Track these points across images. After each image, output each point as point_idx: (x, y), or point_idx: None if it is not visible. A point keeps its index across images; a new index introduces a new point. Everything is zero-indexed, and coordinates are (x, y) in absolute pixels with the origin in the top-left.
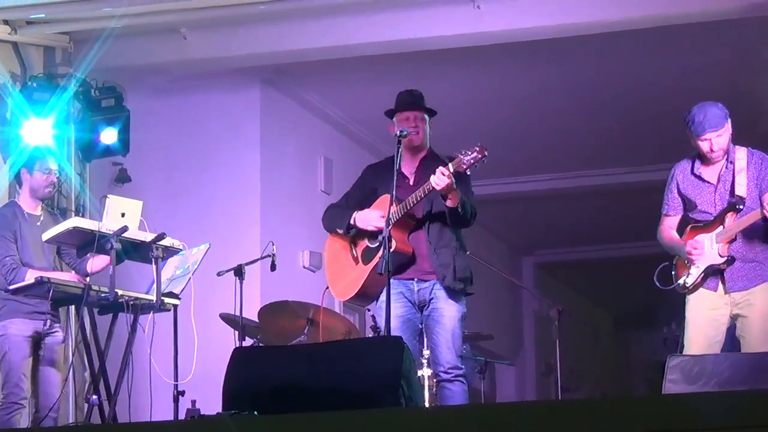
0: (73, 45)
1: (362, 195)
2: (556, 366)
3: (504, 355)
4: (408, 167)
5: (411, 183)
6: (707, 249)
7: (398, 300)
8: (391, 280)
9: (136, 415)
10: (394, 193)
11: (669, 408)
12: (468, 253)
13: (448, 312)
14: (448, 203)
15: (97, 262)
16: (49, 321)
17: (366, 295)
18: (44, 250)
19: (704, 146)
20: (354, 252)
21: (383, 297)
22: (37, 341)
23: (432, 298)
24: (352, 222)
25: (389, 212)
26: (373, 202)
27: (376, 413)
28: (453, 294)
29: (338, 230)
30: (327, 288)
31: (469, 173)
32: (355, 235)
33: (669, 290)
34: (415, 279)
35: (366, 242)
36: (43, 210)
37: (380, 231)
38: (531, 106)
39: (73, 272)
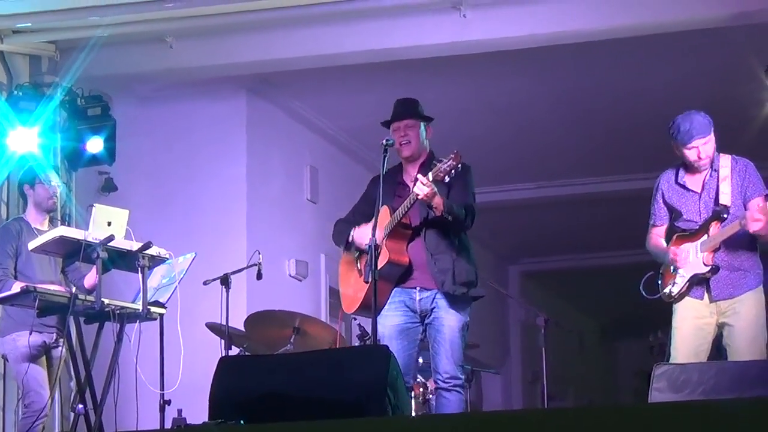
0: (59, 54)
1: (367, 207)
2: (542, 374)
3: (490, 364)
4: (409, 175)
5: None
6: (692, 258)
7: (398, 309)
8: (394, 289)
9: (122, 425)
10: (379, 201)
11: (655, 416)
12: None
13: (448, 322)
14: (435, 211)
15: (91, 277)
16: (55, 334)
17: (370, 307)
18: (51, 265)
19: (691, 155)
20: (359, 265)
21: (387, 308)
22: (45, 352)
23: (434, 308)
24: (350, 239)
25: (375, 220)
26: None
27: (362, 422)
28: (454, 301)
29: (341, 247)
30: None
31: (447, 180)
32: (359, 249)
33: (655, 299)
34: (418, 288)
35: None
36: (50, 225)
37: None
38: (517, 115)
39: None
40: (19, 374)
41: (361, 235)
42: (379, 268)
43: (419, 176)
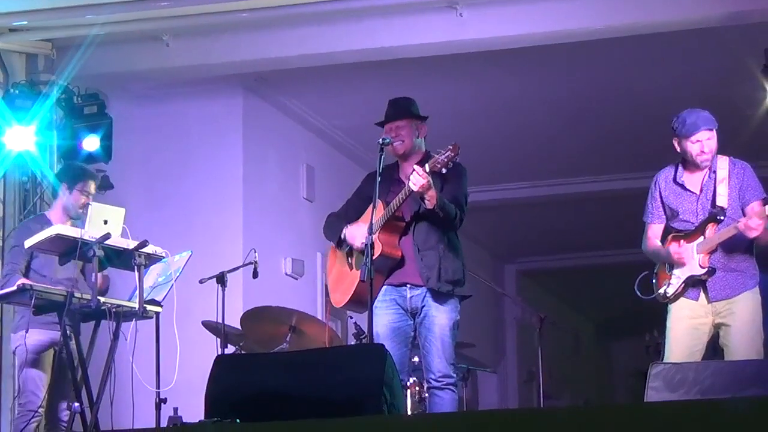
0: (55, 52)
1: (360, 202)
2: (538, 373)
3: (486, 363)
4: (404, 172)
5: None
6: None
7: (390, 307)
8: (384, 287)
9: (118, 423)
10: (375, 200)
11: (651, 415)
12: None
13: (439, 320)
14: (426, 204)
15: (98, 278)
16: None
17: (359, 302)
18: (71, 265)
19: (694, 148)
20: (349, 259)
21: (377, 304)
22: (55, 351)
23: (424, 306)
24: (342, 237)
25: (371, 219)
26: None
27: (358, 421)
28: (441, 298)
29: (332, 243)
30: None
31: (444, 171)
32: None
33: (650, 299)
34: (408, 285)
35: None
36: (71, 226)
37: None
38: (513, 114)
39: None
40: (22, 373)
41: (353, 233)
42: (364, 262)
43: (416, 167)
